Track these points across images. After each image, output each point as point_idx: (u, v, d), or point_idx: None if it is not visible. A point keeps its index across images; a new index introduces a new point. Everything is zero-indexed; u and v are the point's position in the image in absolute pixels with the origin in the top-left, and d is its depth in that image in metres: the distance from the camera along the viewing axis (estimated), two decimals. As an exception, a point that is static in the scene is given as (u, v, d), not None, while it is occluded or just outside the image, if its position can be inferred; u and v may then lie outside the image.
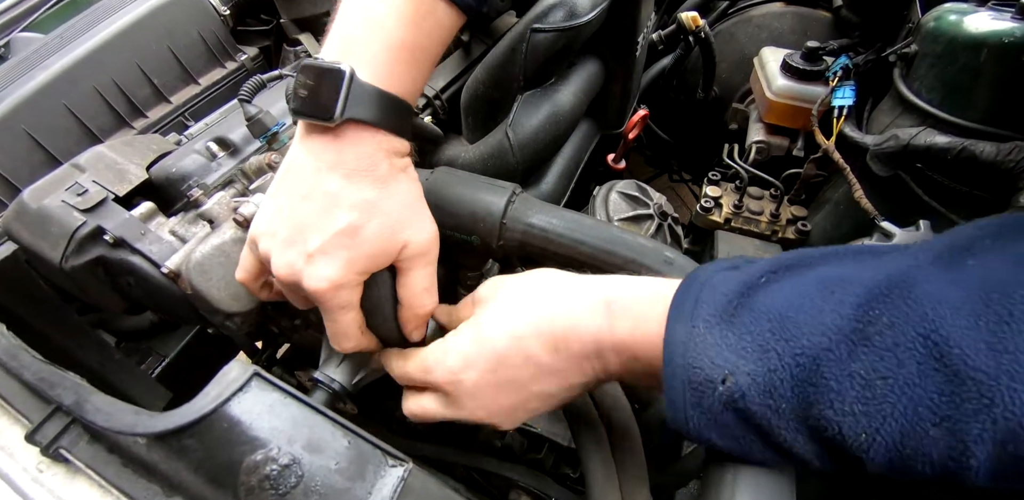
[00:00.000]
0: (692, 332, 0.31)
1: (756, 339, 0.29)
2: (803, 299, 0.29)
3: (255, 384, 0.31)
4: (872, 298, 0.27)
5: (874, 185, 0.76)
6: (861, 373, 0.26)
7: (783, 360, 0.28)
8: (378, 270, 0.42)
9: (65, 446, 0.33)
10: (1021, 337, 0.24)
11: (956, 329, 0.25)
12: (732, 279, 0.32)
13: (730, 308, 0.31)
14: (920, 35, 0.72)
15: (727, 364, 0.30)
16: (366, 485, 0.30)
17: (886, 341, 0.26)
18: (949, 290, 0.26)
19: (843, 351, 0.27)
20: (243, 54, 0.94)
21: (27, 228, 0.50)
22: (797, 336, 0.28)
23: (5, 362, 0.34)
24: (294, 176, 0.42)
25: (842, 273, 0.30)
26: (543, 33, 0.63)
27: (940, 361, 0.25)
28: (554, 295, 0.40)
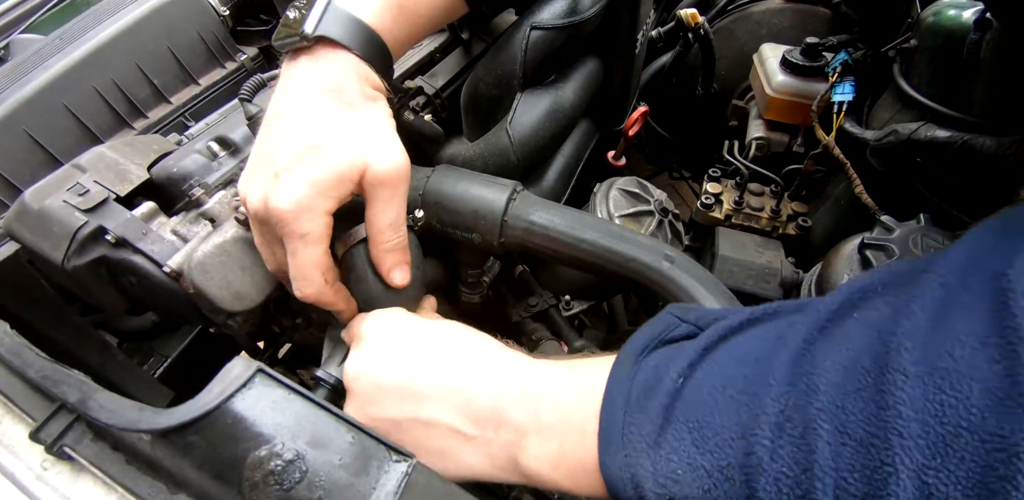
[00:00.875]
0: (624, 462, 0.30)
1: (682, 457, 0.28)
2: (716, 395, 0.28)
3: (259, 380, 0.32)
4: (777, 382, 0.27)
5: (875, 180, 0.76)
6: (785, 471, 0.25)
7: (712, 477, 0.27)
8: (343, 197, 0.41)
9: (69, 444, 0.33)
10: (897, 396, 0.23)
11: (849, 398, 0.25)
12: (656, 389, 0.30)
13: (655, 429, 0.29)
14: (919, 30, 0.72)
15: (664, 489, 0.28)
16: (370, 480, 0.30)
17: (796, 427, 0.25)
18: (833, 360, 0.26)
19: (762, 452, 0.26)
20: (243, 54, 0.94)
21: (29, 228, 0.50)
22: (719, 445, 0.27)
23: (9, 360, 0.34)
24: (269, 116, 0.43)
25: (750, 350, 0.30)
26: (543, 30, 0.63)
27: (847, 435, 0.24)
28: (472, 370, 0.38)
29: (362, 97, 0.43)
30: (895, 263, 0.32)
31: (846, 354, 0.26)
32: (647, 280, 0.51)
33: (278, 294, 0.55)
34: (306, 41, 0.42)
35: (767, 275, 0.73)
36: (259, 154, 0.43)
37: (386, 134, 0.43)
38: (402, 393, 0.37)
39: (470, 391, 0.36)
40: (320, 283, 0.43)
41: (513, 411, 0.35)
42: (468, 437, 0.35)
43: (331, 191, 0.40)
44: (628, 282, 0.53)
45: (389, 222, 0.43)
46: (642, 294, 0.87)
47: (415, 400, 0.36)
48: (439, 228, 0.58)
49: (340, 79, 0.42)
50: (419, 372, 0.38)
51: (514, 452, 0.34)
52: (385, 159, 0.42)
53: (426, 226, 0.58)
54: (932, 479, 0.21)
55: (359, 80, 0.43)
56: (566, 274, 0.72)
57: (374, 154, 0.41)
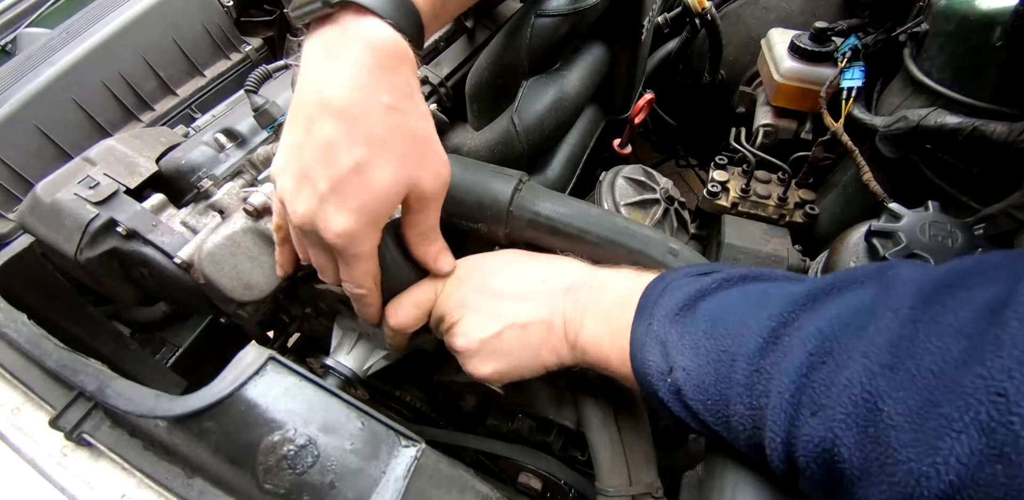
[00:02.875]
0: (648, 329, 0.36)
1: (692, 337, 0.33)
2: (739, 304, 0.34)
3: (271, 368, 0.32)
4: (795, 303, 0.31)
5: (883, 167, 0.75)
6: (767, 368, 0.29)
7: (708, 356, 0.32)
8: (390, 214, 0.41)
9: (88, 431, 0.34)
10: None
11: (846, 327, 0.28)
12: (692, 284, 0.37)
13: (679, 309, 0.35)
14: (931, 14, 0.71)
15: (669, 359, 0.34)
16: (380, 465, 0.30)
17: (792, 339, 0.29)
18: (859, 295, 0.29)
19: (753, 348, 0.30)
20: (247, 45, 0.94)
21: (41, 221, 0.51)
22: (723, 335, 0.32)
23: (28, 350, 0.35)
24: (297, 113, 0.39)
25: (781, 287, 0.34)
26: (547, 18, 0.62)
27: (828, 354, 0.27)
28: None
29: (400, 95, 0.38)
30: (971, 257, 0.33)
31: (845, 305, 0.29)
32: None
33: (287, 284, 0.55)
34: (329, 7, 0.36)
35: (773, 263, 0.73)
36: (295, 165, 0.39)
37: (430, 142, 0.41)
38: (497, 310, 0.43)
39: (545, 293, 0.43)
40: (372, 288, 0.44)
41: (581, 293, 0.42)
42: (551, 326, 0.42)
43: (380, 216, 0.40)
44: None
45: (431, 224, 0.45)
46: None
47: (509, 311, 0.43)
48: (444, 218, 0.58)
49: (373, 69, 0.36)
50: (504, 289, 0.45)
51: (576, 330, 0.41)
52: (431, 173, 0.40)
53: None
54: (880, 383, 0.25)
55: (395, 66, 0.37)
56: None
57: (420, 170, 0.40)
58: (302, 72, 0.39)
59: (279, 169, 0.40)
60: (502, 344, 0.42)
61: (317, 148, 0.37)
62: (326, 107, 0.36)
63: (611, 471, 0.47)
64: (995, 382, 0.21)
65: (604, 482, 0.47)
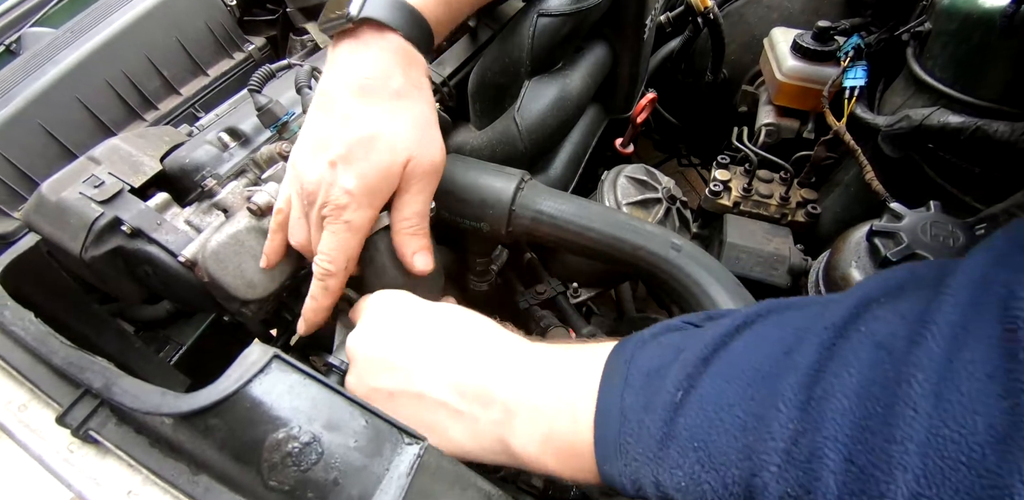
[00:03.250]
0: (624, 471, 0.30)
1: (687, 472, 0.28)
2: (721, 414, 0.28)
3: (275, 366, 0.32)
4: (786, 407, 0.26)
5: (885, 167, 0.75)
6: (788, 492, 0.26)
7: (717, 492, 0.28)
8: (391, 188, 0.44)
9: (94, 428, 0.35)
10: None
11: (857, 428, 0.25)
12: (653, 400, 0.30)
13: (659, 443, 0.29)
14: (934, 13, 0.71)
15: (667, 496, 0.29)
16: (383, 462, 0.31)
17: (803, 453, 0.26)
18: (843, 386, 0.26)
19: (769, 475, 0.26)
20: (250, 44, 0.94)
21: (47, 220, 0.51)
22: (725, 464, 0.27)
23: (35, 348, 0.35)
24: (320, 97, 0.45)
25: (753, 363, 0.29)
26: (550, 17, 0.62)
27: (850, 462, 0.24)
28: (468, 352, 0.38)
29: (409, 85, 0.45)
30: (903, 267, 0.31)
31: (857, 379, 0.26)
32: (655, 268, 0.52)
33: (290, 282, 0.56)
34: (351, 23, 0.43)
35: (775, 262, 0.73)
36: (314, 138, 0.45)
37: (430, 128, 0.46)
38: (395, 365, 0.38)
39: (461, 367, 0.36)
40: (341, 267, 0.45)
41: (502, 390, 0.35)
42: (456, 412, 0.35)
43: (382, 183, 0.43)
44: (636, 270, 0.54)
45: (417, 210, 0.46)
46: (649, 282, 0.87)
47: (407, 373, 0.37)
48: (448, 217, 0.58)
49: (387, 64, 0.44)
50: (412, 346, 0.38)
51: (502, 432, 0.34)
52: (427, 154, 0.45)
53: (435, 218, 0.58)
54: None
55: (406, 64, 0.45)
56: (574, 262, 0.73)
57: (418, 148, 0.44)
58: (327, 67, 0.46)
59: (299, 145, 0.46)
60: (392, 404, 0.36)
61: (336, 120, 0.43)
62: (345, 88, 0.43)
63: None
64: None
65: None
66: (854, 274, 0.61)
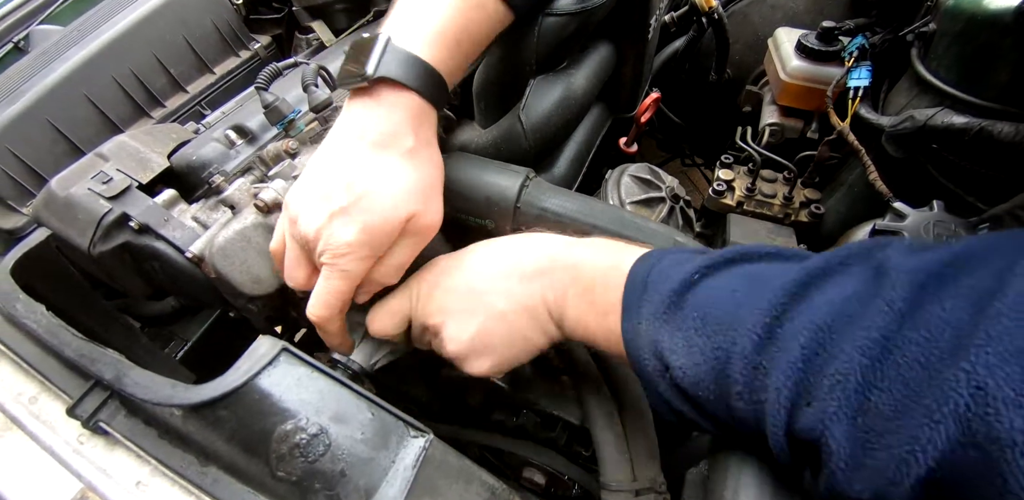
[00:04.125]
0: (636, 329, 0.35)
1: (684, 335, 0.33)
2: (728, 295, 0.32)
3: (284, 359, 0.33)
4: (785, 292, 0.30)
5: (889, 167, 0.75)
6: (763, 364, 0.29)
7: (704, 354, 0.32)
8: (389, 243, 0.44)
9: (104, 419, 0.35)
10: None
11: (837, 318, 0.27)
12: (676, 270, 0.36)
13: (666, 306, 0.34)
14: (939, 13, 0.71)
15: (664, 358, 0.34)
16: (389, 454, 0.31)
17: (785, 332, 0.29)
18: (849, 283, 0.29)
19: (749, 346, 0.30)
20: (256, 43, 0.95)
21: (56, 215, 0.52)
22: (716, 332, 0.31)
23: (47, 340, 0.36)
24: (329, 147, 0.45)
25: (768, 269, 0.33)
26: (555, 17, 0.63)
27: (821, 346, 0.27)
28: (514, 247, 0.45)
29: (420, 144, 0.45)
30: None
31: (850, 283, 0.29)
32: (658, 266, 0.52)
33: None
34: (367, 82, 0.43)
35: (778, 262, 0.73)
36: (318, 185, 0.44)
37: (435, 188, 0.47)
38: (475, 308, 0.43)
39: (521, 270, 0.42)
40: (335, 312, 0.45)
41: (557, 276, 0.41)
42: (532, 309, 0.41)
43: (380, 237, 0.43)
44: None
45: (401, 263, 0.46)
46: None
47: (486, 307, 0.42)
48: (452, 214, 0.59)
49: (400, 122, 0.44)
50: (476, 284, 0.44)
51: (561, 310, 0.40)
52: (429, 214, 0.46)
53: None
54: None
55: (418, 123, 0.45)
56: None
57: (421, 207, 0.45)
58: (340, 119, 0.46)
59: (298, 192, 0.45)
60: (488, 338, 0.42)
61: (343, 171, 0.43)
62: (359, 141, 0.44)
63: (615, 466, 0.48)
64: (977, 377, 0.22)
65: (608, 477, 0.48)
66: (857, 273, 0.61)
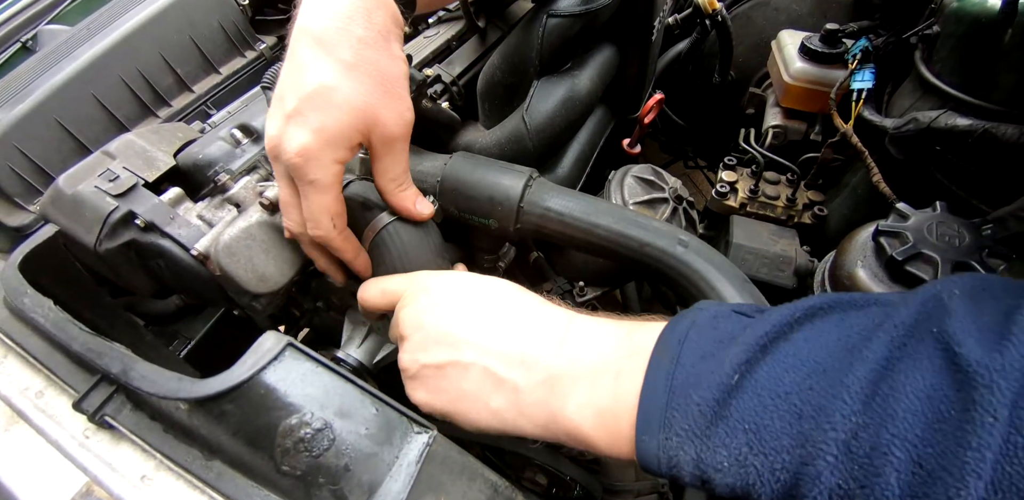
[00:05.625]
0: (665, 444, 0.29)
1: (732, 453, 0.28)
2: (778, 401, 0.27)
3: (289, 354, 0.33)
4: (851, 399, 0.26)
5: (893, 169, 0.75)
6: (841, 484, 0.25)
7: (762, 476, 0.27)
8: (352, 147, 0.41)
9: (110, 413, 0.35)
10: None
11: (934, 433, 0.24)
12: (704, 379, 0.29)
13: (708, 421, 0.28)
14: (942, 16, 0.71)
15: (704, 475, 0.28)
16: (393, 450, 0.31)
17: (863, 447, 0.25)
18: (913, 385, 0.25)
19: (823, 465, 0.25)
20: (262, 43, 0.95)
21: (63, 213, 0.52)
22: (776, 449, 0.27)
23: (54, 335, 0.36)
24: (290, 43, 0.42)
25: (814, 357, 0.28)
26: (559, 18, 0.63)
27: (918, 465, 0.23)
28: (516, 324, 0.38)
29: (373, 33, 0.41)
30: (969, 275, 0.30)
31: (929, 380, 0.25)
32: (662, 264, 0.52)
33: (300, 277, 0.56)
34: None
35: (781, 263, 0.73)
36: (277, 91, 0.42)
37: (395, 84, 0.42)
38: (445, 340, 0.38)
39: (508, 336, 0.36)
40: (328, 227, 0.43)
41: (547, 356, 0.35)
42: (500, 380, 0.35)
43: (339, 141, 0.40)
44: (643, 267, 0.54)
45: (399, 171, 0.44)
46: (656, 282, 0.87)
47: (456, 345, 0.37)
48: (456, 214, 0.59)
49: (350, 8, 0.40)
50: (462, 320, 0.38)
51: (543, 397, 0.34)
52: (394, 115, 0.41)
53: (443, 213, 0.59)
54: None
55: (373, 7, 0.41)
56: (580, 260, 0.73)
57: (384, 108, 0.40)
58: (295, 21, 0.42)
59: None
60: (441, 378, 0.37)
61: (291, 71, 0.40)
62: (305, 35, 0.40)
63: (617, 466, 0.48)
64: None
65: (610, 477, 0.48)
66: (860, 274, 0.62)
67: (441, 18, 0.81)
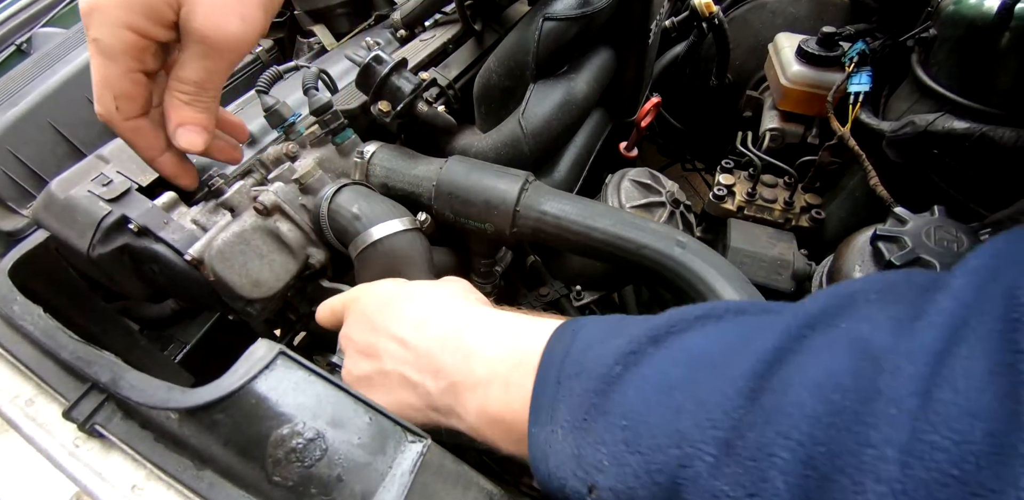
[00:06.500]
0: (551, 438, 0.28)
1: (611, 450, 0.26)
2: (659, 396, 0.25)
3: (280, 362, 0.33)
4: (735, 394, 0.23)
5: (890, 172, 0.75)
6: (726, 491, 0.22)
7: (639, 478, 0.24)
8: (150, 24, 0.37)
9: (100, 422, 0.35)
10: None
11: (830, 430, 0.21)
12: (589, 368, 0.28)
13: (586, 412, 0.27)
14: (939, 19, 0.71)
15: (587, 476, 0.26)
16: (387, 459, 0.31)
17: (749, 448, 0.22)
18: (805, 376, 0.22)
19: (702, 467, 0.23)
20: (258, 46, 0.95)
21: (55, 217, 0.52)
22: (652, 448, 0.24)
23: (43, 342, 0.36)
24: None
25: (707, 350, 0.26)
26: (555, 21, 0.63)
27: (809, 466, 0.21)
28: None
29: None
30: (892, 273, 0.29)
31: (824, 370, 0.22)
32: (660, 266, 0.52)
33: (296, 282, 0.56)
34: None
35: (779, 267, 0.73)
36: None
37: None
38: (368, 351, 0.40)
39: (412, 341, 0.38)
40: (108, 106, 0.40)
41: (447, 359, 0.35)
42: (414, 384, 0.36)
43: (138, 4, 0.36)
44: (641, 270, 0.54)
45: (192, 77, 0.39)
46: (654, 285, 0.87)
47: (378, 356, 0.39)
48: (452, 218, 0.59)
49: None
50: (380, 331, 0.40)
51: (449, 402, 0.35)
52: (225, 10, 0.37)
53: (438, 219, 0.59)
54: None
55: None
56: (577, 264, 0.73)
57: (203, 5, 0.37)
58: None
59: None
60: (371, 387, 0.39)
61: None
62: None
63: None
64: None
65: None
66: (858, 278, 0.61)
67: (437, 21, 0.81)
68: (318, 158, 0.60)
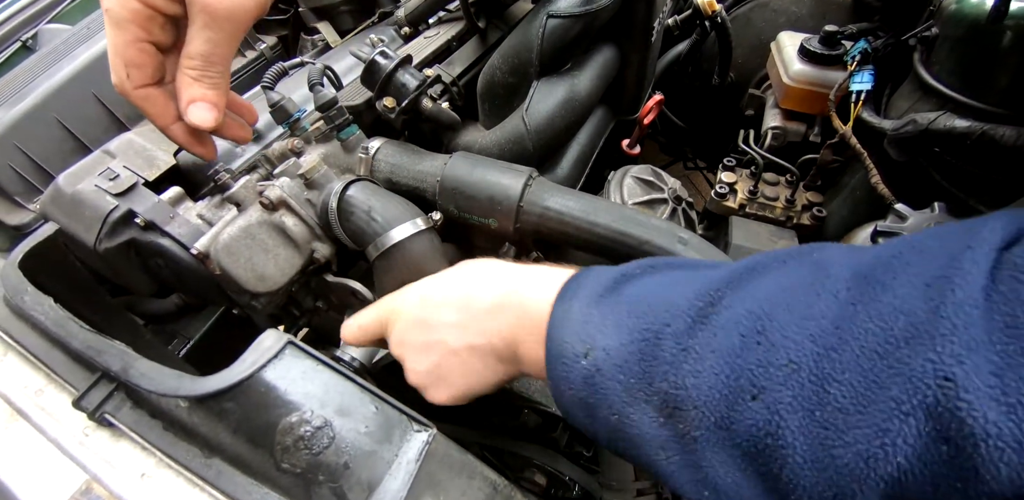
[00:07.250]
0: (568, 310, 0.34)
1: (614, 316, 0.32)
2: (664, 286, 0.32)
3: (289, 352, 0.33)
4: (720, 282, 0.30)
5: (891, 170, 0.75)
6: (696, 348, 0.28)
7: (632, 334, 0.30)
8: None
9: (109, 411, 0.35)
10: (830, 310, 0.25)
11: (779, 307, 0.26)
12: (616, 270, 0.35)
13: (601, 292, 0.34)
14: (941, 18, 0.71)
15: (589, 339, 0.32)
16: (393, 448, 0.31)
17: (720, 318, 0.28)
18: (787, 275, 0.28)
19: (682, 327, 0.29)
20: (262, 43, 0.96)
21: (63, 212, 0.52)
22: (647, 313, 0.30)
23: (54, 332, 0.36)
24: None
25: (706, 270, 0.33)
26: (559, 18, 0.63)
27: (762, 335, 0.26)
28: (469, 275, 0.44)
29: None
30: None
31: (784, 274, 0.29)
32: (661, 264, 0.52)
33: (300, 277, 0.56)
34: None
35: (780, 264, 0.73)
36: None
37: None
38: (429, 345, 0.41)
39: (466, 318, 0.40)
40: (120, 75, 0.41)
41: (502, 318, 0.38)
42: (481, 349, 0.39)
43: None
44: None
45: (200, 50, 0.41)
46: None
47: (437, 344, 0.40)
48: (456, 214, 0.59)
49: None
50: (429, 326, 0.42)
51: (513, 349, 0.38)
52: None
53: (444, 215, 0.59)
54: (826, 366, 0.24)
55: None
56: (580, 259, 0.73)
57: None
58: None
59: None
60: (443, 372, 0.40)
61: None
62: None
63: (616, 466, 0.48)
64: (944, 367, 0.21)
65: (609, 476, 0.48)
66: (858, 275, 0.62)
67: (441, 19, 0.81)
68: (323, 154, 0.61)
